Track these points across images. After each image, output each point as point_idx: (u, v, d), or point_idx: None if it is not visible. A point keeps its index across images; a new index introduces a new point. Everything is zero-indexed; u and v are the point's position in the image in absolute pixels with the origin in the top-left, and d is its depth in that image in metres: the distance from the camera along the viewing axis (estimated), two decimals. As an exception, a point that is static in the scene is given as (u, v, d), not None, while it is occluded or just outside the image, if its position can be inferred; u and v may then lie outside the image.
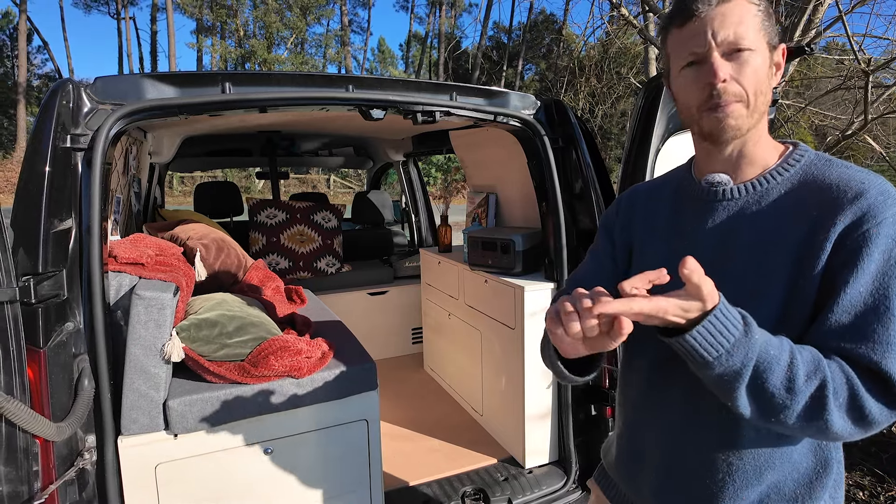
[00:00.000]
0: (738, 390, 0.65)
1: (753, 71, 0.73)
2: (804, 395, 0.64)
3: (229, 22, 29.14)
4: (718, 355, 0.63)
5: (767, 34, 0.75)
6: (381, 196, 3.88)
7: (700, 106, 0.76)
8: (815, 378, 0.64)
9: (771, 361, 0.64)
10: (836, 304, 0.67)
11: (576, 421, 1.93)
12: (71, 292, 1.23)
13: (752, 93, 0.73)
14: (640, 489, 0.89)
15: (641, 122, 1.60)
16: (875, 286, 0.66)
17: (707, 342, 0.63)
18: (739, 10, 0.72)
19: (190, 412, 1.37)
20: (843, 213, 0.68)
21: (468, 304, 2.39)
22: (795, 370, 0.64)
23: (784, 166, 0.77)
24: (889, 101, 4.37)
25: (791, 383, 0.64)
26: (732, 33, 0.72)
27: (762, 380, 0.64)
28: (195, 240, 1.93)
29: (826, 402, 0.64)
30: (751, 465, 0.76)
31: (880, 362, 0.65)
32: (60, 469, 1.16)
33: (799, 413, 0.65)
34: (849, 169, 0.73)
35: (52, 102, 1.23)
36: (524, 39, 28.51)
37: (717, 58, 0.73)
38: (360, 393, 1.57)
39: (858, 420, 0.65)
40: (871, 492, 2.44)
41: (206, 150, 3.48)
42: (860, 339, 0.66)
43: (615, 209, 0.99)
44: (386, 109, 1.61)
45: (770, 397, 0.64)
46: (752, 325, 0.65)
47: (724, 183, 0.80)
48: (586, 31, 6.36)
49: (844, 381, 0.65)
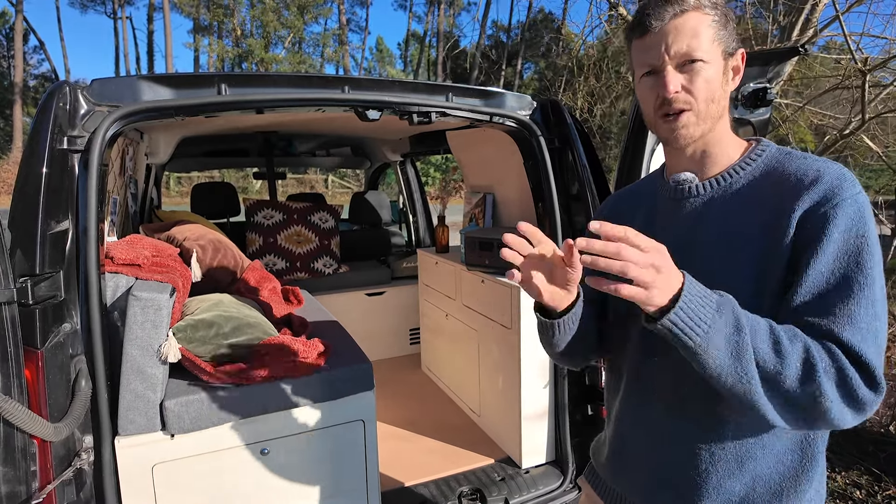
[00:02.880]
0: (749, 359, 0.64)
1: (705, 81, 0.77)
2: (793, 356, 0.65)
3: (226, 21, 29.10)
4: (711, 321, 0.63)
5: (723, 43, 0.78)
6: (378, 196, 3.88)
7: (655, 113, 0.81)
8: (797, 341, 0.66)
9: (753, 324, 0.65)
10: (799, 284, 0.70)
11: (572, 421, 1.93)
12: (68, 293, 1.23)
13: (702, 101, 0.77)
14: (629, 485, 0.91)
15: (637, 122, 1.61)
16: (836, 265, 0.69)
17: (693, 311, 0.63)
18: (693, 22, 0.76)
19: (186, 413, 1.37)
20: (802, 197, 0.71)
21: (465, 304, 2.39)
22: (777, 333, 0.66)
23: (747, 161, 0.81)
24: (887, 101, 4.38)
25: (777, 345, 0.65)
26: (686, 45, 0.76)
27: (754, 345, 0.64)
28: (192, 241, 1.93)
29: (814, 364, 0.65)
30: (732, 455, 0.78)
31: (840, 334, 0.67)
32: (58, 469, 1.17)
33: (794, 378, 0.64)
34: (807, 159, 0.76)
35: (50, 104, 1.24)
36: (523, 38, 28.51)
37: (670, 70, 0.77)
38: (357, 393, 1.58)
39: (842, 386, 0.65)
40: (868, 491, 2.45)
41: (202, 150, 3.48)
42: (823, 314, 0.68)
43: (601, 211, 1.04)
44: (382, 110, 1.62)
45: (764, 363, 0.65)
46: (719, 291, 0.67)
47: (690, 180, 0.84)
48: (585, 31, 6.37)
49: (821, 347, 0.66)
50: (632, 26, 0.81)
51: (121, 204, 1.85)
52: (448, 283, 2.56)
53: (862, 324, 0.67)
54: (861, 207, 0.70)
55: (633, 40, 0.81)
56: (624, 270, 0.61)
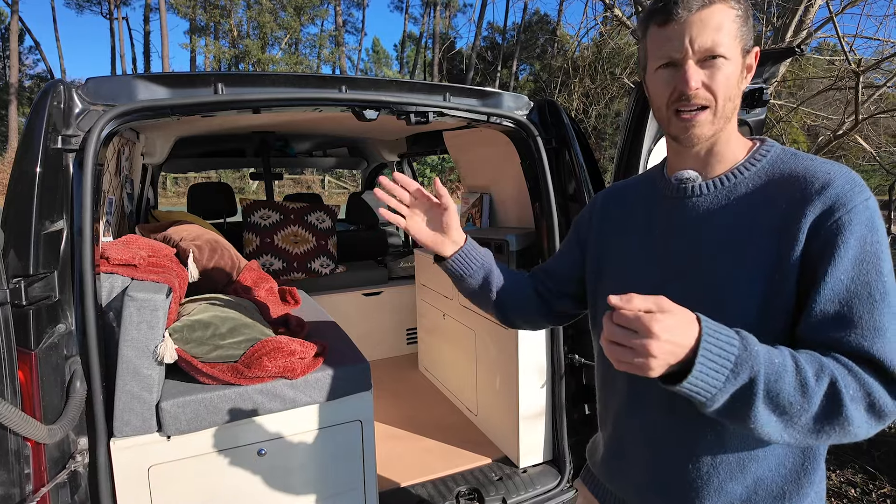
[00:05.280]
0: (755, 407, 0.62)
1: (725, 78, 0.74)
2: (818, 394, 0.63)
3: (223, 22, 29.02)
4: (725, 379, 0.60)
5: (743, 40, 0.75)
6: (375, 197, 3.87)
7: (668, 108, 0.77)
8: (825, 375, 0.63)
9: (779, 369, 0.62)
10: (819, 294, 0.68)
11: (570, 420, 1.93)
12: (62, 294, 1.22)
13: (721, 99, 0.75)
14: (627, 487, 0.90)
15: (633, 122, 1.61)
16: (855, 273, 0.67)
17: (710, 368, 0.60)
18: (719, 16, 0.73)
19: (183, 414, 1.36)
20: (812, 203, 0.69)
21: (462, 304, 2.39)
22: (804, 373, 0.63)
23: (751, 161, 0.79)
24: (879, 102, 4.41)
25: (804, 387, 0.62)
26: (710, 40, 0.72)
27: (776, 391, 0.62)
28: (188, 241, 1.92)
29: (841, 397, 0.63)
30: (734, 457, 0.76)
31: (871, 349, 0.65)
32: (52, 472, 1.16)
33: (817, 414, 0.63)
34: (814, 161, 0.74)
35: (44, 103, 1.23)
36: (518, 40, 28.57)
37: (692, 65, 0.74)
38: (354, 394, 1.57)
39: (871, 408, 0.64)
40: (863, 489, 2.46)
41: (199, 150, 3.47)
42: (848, 327, 0.66)
43: (589, 207, 1.01)
44: (379, 110, 1.61)
45: (788, 405, 0.62)
46: (749, 338, 0.63)
47: (693, 179, 0.82)
48: (580, 32, 6.40)
49: (847, 372, 0.65)
50: (651, 12, 0.77)
51: (117, 204, 1.84)
52: (445, 283, 2.56)
53: (889, 333, 0.65)
54: (872, 213, 0.68)
55: (650, 25, 0.77)
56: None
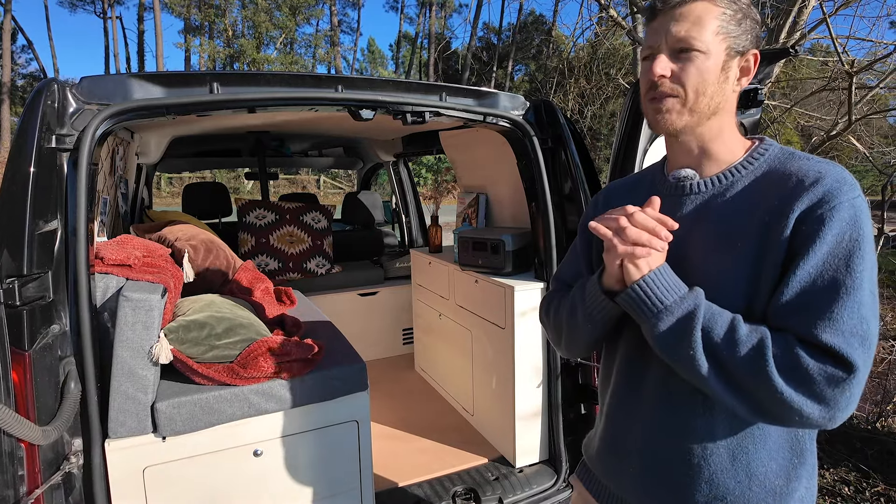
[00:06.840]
0: (694, 337, 0.70)
1: (697, 71, 0.76)
2: (746, 345, 0.68)
3: (218, 22, 28.91)
4: (672, 301, 0.72)
5: (731, 38, 0.77)
6: (371, 197, 3.87)
7: (645, 96, 0.81)
8: (756, 333, 0.69)
9: (715, 312, 0.72)
10: (786, 285, 0.70)
11: (566, 420, 1.94)
12: (56, 294, 1.22)
13: (690, 92, 0.77)
14: (621, 481, 0.91)
15: (629, 122, 1.62)
16: (824, 267, 0.69)
17: (658, 288, 0.73)
18: (699, 10, 0.76)
19: (178, 414, 1.36)
20: (801, 198, 0.71)
21: (459, 304, 2.39)
22: (737, 323, 0.70)
23: (749, 160, 0.80)
24: (872, 103, 4.45)
25: (734, 331, 0.69)
26: (684, 32, 0.75)
27: (710, 327, 0.70)
28: (183, 241, 1.91)
29: (765, 353, 0.67)
30: (725, 449, 0.78)
31: (820, 336, 0.67)
32: (46, 473, 1.15)
33: (743, 364, 0.68)
34: (809, 160, 0.76)
35: (37, 102, 1.22)
36: (514, 40, 28.60)
37: (661, 56, 0.78)
38: (351, 394, 1.57)
39: (801, 382, 0.66)
40: (856, 487, 2.48)
41: (194, 150, 3.45)
42: (804, 315, 0.69)
43: (592, 207, 1.02)
44: (375, 110, 1.61)
45: (718, 348, 0.70)
46: (696, 287, 0.74)
47: (690, 177, 0.84)
48: (575, 33, 6.41)
49: (784, 342, 0.68)
50: (645, 10, 0.84)
51: (111, 204, 1.83)
52: (441, 283, 2.56)
53: (845, 326, 0.66)
54: (858, 211, 0.69)
55: (645, 26, 0.83)
56: None
